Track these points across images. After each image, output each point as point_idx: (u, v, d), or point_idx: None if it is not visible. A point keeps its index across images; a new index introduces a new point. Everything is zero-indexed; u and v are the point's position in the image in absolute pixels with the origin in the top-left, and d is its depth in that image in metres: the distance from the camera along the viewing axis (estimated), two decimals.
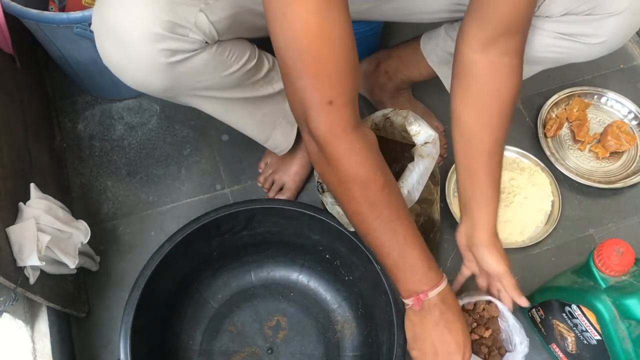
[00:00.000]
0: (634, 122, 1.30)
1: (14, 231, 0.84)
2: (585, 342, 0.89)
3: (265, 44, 0.77)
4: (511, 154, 1.24)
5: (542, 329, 1.01)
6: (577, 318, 0.88)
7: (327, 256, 1.00)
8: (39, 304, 0.93)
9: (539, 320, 1.01)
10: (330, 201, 0.89)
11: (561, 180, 1.22)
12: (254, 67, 0.90)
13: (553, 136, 1.28)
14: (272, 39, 0.67)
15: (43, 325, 0.93)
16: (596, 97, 1.33)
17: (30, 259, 0.82)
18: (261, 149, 1.14)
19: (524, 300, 0.88)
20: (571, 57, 0.96)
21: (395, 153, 1.00)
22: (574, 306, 0.88)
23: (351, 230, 0.89)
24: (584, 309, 0.86)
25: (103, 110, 1.30)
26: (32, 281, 0.85)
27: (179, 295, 1.00)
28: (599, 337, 0.85)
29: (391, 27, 1.37)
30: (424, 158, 0.88)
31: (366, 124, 0.95)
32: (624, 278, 0.82)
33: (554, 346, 1.00)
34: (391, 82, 1.21)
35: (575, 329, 0.90)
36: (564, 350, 0.97)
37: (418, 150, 0.89)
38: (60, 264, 0.91)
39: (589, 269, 0.83)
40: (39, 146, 1.11)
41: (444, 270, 0.83)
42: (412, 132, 0.91)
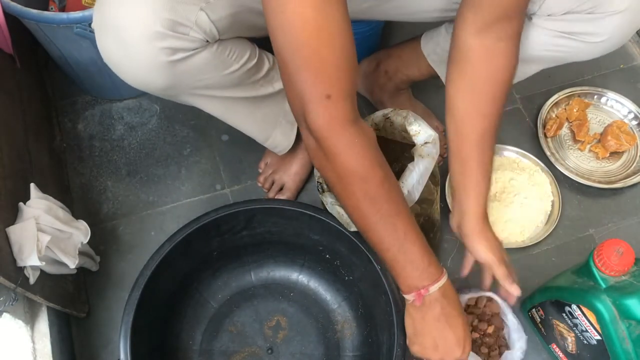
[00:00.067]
0: (634, 122, 1.30)
1: (14, 231, 0.84)
2: (585, 342, 0.89)
3: (265, 43, 0.77)
4: (511, 154, 1.24)
5: (542, 329, 1.01)
6: (577, 318, 0.88)
7: (327, 256, 1.00)
8: (39, 304, 0.93)
9: (539, 320, 1.01)
10: (330, 201, 0.89)
11: (561, 180, 1.22)
12: (254, 66, 0.90)
13: (553, 136, 1.28)
14: (270, 34, 0.67)
15: (43, 325, 0.93)
16: (596, 97, 1.33)
17: (30, 259, 0.82)
18: (261, 148, 1.14)
19: (515, 288, 0.87)
20: (572, 56, 0.96)
21: (395, 153, 1.00)
22: (574, 306, 0.88)
23: (351, 230, 0.89)
24: (584, 309, 0.86)
25: (103, 110, 1.30)
26: (32, 281, 0.85)
27: (179, 295, 1.00)
28: (599, 337, 0.85)
29: (391, 27, 1.37)
30: (424, 158, 0.88)
31: (366, 123, 0.95)
32: (624, 278, 0.82)
33: (554, 346, 1.00)
34: (391, 82, 1.21)
35: (575, 329, 0.90)
36: (564, 350, 0.97)
37: (418, 150, 0.89)
38: (60, 264, 0.91)
39: (589, 269, 0.83)
40: (39, 146, 1.11)
41: None
42: (412, 132, 0.91)
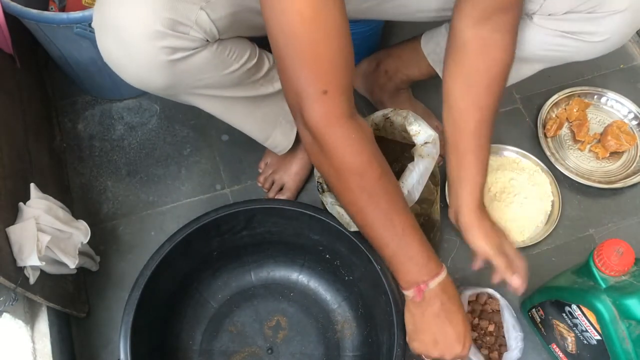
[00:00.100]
0: (634, 122, 1.30)
1: (14, 231, 0.84)
2: (585, 342, 0.89)
3: (265, 43, 0.77)
4: (511, 154, 1.24)
5: (542, 329, 1.01)
6: (577, 318, 0.88)
7: (327, 256, 1.00)
8: (39, 304, 0.93)
9: (539, 320, 1.01)
10: (330, 201, 0.89)
11: (561, 180, 1.22)
12: (254, 66, 0.90)
13: (553, 136, 1.28)
14: (267, 29, 0.67)
15: (43, 325, 0.93)
16: (596, 97, 1.33)
17: (30, 259, 0.82)
18: (261, 148, 1.14)
19: (515, 280, 0.86)
20: (572, 56, 0.96)
21: (395, 153, 1.00)
22: (574, 306, 0.88)
23: (351, 230, 0.89)
24: (584, 309, 0.86)
25: (103, 110, 1.30)
26: (32, 281, 0.85)
27: (179, 295, 1.00)
28: (599, 337, 0.85)
29: (391, 27, 1.37)
30: (424, 158, 0.88)
31: (363, 119, 0.95)
32: (624, 278, 0.82)
33: (554, 346, 1.00)
34: (391, 82, 1.21)
35: (575, 329, 0.90)
36: (564, 350, 0.97)
37: (418, 150, 0.89)
38: (60, 264, 0.91)
39: (589, 269, 0.83)
40: (39, 146, 1.11)
41: None
42: (412, 132, 0.91)
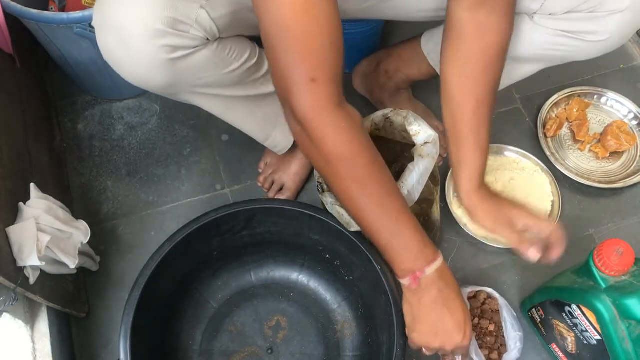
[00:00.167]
0: (634, 122, 1.30)
1: (14, 231, 0.84)
2: (585, 342, 0.89)
3: None
4: (511, 154, 1.24)
5: (542, 329, 1.01)
6: (577, 318, 0.88)
7: (327, 256, 1.00)
8: (39, 304, 0.93)
9: (539, 320, 1.01)
10: (330, 201, 0.89)
11: (561, 180, 1.22)
12: (254, 65, 0.90)
13: (553, 136, 1.28)
14: (259, 21, 0.67)
15: (43, 325, 0.93)
16: (596, 97, 1.33)
17: (30, 259, 0.82)
18: (261, 148, 1.14)
19: (530, 253, 0.83)
20: (573, 55, 0.96)
21: (395, 153, 1.00)
22: (574, 306, 0.88)
23: (351, 230, 0.89)
24: (584, 309, 0.86)
25: (103, 110, 1.30)
26: (32, 281, 0.85)
27: (179, 295, 1.00)
28: (599, 337, 0.85)
29: (391, 27, 1.37)
30: (424, 158, 0.88)
31: (366, 123, 0.95)
32: (624, 278, 0.81)
33: (554, 346, 1.00)
34: (391, 82, 1.21)
35: (575, 329, 0.90)
36: (564, 350, 0.97)
37: (418, 150, 0.89)
38: (60, 264, 0.91)
39: (589, 269, 0.83)
40: (39, 146, 1.11)
41: None
42: (412, 132, 0.91)
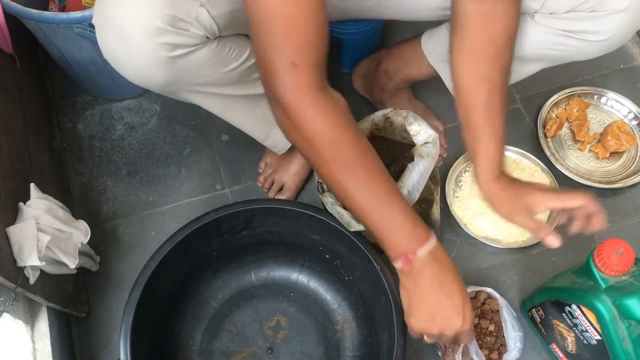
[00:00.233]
0: (634, 122, 1.30)
1: (14, 231, 0.84)
2: (585, 342, 0.89)
3: None
4: (511, 154, 1.24)
5: (542, 329, 1.01)
6: (577, 318, 0.88)
7: (327, 256, 1.00)
8: (39, 304, 0.93)
9: (539, 320, 1.01)
10: (330, 201, 0.89)
11: (561, 180, 1.22)
12: (254, 64, 0.90)
13: (553, 136, 1.27)
14: (245, 7, 0.67)
15: (43, 325, 0.93)
16: (596, 97, 1.33)
17: (30, 259, 0.82)
18: (261, 148, 1.14)
19: (550, 240, 0.82)
20: (573, 55, 0.96)
21: (395, 153, 1.00)
22: (574, 306, 0.88)
23: (351, 230, 0.89)
24: (584, 309, 0.86)
25: (103, 110, 1.30)
26: (32, 281, 0.85)
27: (179, 295, 1.00)
28: (599, 337, 0.85)
29: (391, 27, 1.37)
30: (424, 158, 0.88)
31: (366, 124, 0.95)
32: (624, 278, 0.81)
33: (554, 346, 1.00)
34: (391, 82, 1.21)
35: (575, 329, 0.90)
36: (564, 350, 0.97)
37: (418, 150, 0.89)
38: (60, 264, 0.91)
39: (589, 269, 0.83)
40: (39, 146, 1.11)
41: None
42: (412, 132, 0.91)
